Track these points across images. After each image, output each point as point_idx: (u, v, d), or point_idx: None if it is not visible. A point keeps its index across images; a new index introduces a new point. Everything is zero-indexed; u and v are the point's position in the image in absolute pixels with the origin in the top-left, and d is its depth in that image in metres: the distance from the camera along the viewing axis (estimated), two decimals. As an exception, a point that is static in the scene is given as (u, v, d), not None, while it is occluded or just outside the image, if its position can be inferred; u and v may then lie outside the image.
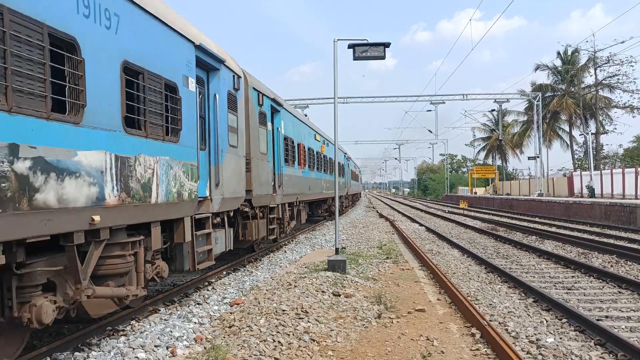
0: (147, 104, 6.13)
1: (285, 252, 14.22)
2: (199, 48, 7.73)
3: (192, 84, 7.49)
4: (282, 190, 13.76)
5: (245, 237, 10.91)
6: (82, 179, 4.95)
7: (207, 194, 8.11)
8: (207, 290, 8.99)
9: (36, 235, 4.40)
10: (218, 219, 8.88)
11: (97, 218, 5.12)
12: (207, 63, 8.28)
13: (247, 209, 10.69)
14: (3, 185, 4.00)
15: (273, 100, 12.83)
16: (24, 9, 4.24)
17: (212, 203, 8.28)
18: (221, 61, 8.73)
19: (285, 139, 14.54)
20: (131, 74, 5.88)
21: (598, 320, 6.71)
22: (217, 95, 8.52)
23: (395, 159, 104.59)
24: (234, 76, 9.49)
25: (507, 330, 6.51)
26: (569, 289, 9.12)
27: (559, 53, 52.44)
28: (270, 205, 12.58)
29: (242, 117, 10.04)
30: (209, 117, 8.38)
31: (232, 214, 9.83)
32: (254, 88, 11.17)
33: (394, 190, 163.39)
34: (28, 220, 4.25)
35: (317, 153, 20.24)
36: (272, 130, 12.89)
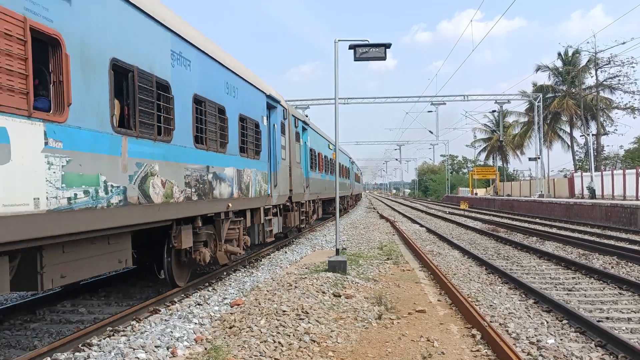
0: (248, 137, 10.48)
1: (286, 252, 14.22)
2: (269, 96, 12.19)
3: (265, 120, 11.90)
4: (309, 190, 17.78)
5: (286, 224, 14.87)
6: (226, 183, 9.15)
7: (270, 192, 12.19)
8: (208, 290, 9.00)
9: (210, 212, 8.61)
10: (275, 210, 13.00)
11: (230, 205, 9.26)
12: (271, 104, 12.51)
13: (288, 204, 14.57)
14: (205, 185, 8.20)
15: (303, 122, 17.21)
16: (215, 100, 8.78)
17: (272, 198, 12.39)
18: (278, 102, 13.05)
19: (311, 150, 18.64)
20: (242, 121, 10.17)
21: (599, 321, 6.70)
22: (275, 125, 12.89)
23: (396, 159, 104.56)
24: (283, 110, 13.73)
25: (507, 331, 6.50)
26: (569, 290, 9.11)
27: (559, 54, 52.49)
28: (301, 202, 16.57)
29: (287, 137, 14.23)
30: (270, 140, 12.48)
31: (280, 206, 13.80)
32: (292, 115, 15.36)
33: (394, 191, 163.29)
34: (209, 204, 8.44)
35: (330, 159, 24.05)
36: (302, 144, 16.91)
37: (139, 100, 6.22)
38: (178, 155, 7.32)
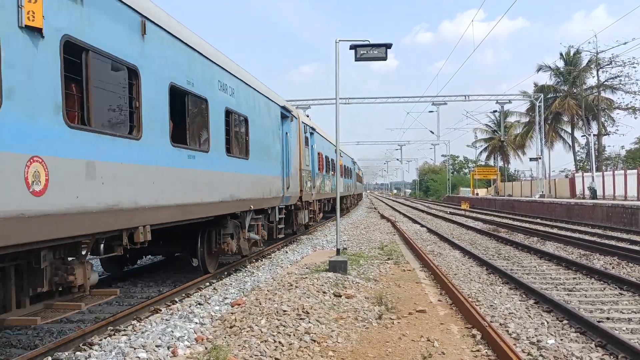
0: (357, 177, 46.35)
1: (287, 252, 14.23)
2: (352, 158, 41.05)
3: (355, 167, 43.04)
4: (356, 189, 45.40)
5: (357, 202, 47.35)
6: (348, 186, 33.69)
7: (355, 189, 41.78)
8: (208, 290, 9.01)
9: (347, 194, 35.21)
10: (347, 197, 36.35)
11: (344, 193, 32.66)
12: (352, 161, 40.14)
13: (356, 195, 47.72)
14: (349, 188, 35.66)
15: (354, 162, 40.04)
16: (350, 165, 37.30)
17: (352, 191, 39.56)
18: (353, 159, 41.01)
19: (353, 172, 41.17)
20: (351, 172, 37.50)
21: (599, 321, 6.70)
22: (354, 166, 41.98)
23: (397, 159, 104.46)
24: (353, 161, 40.70)
25: (508, 331, 6.51)
26: (570, 291, 9.11)
27: (561, 54, 52.46)
28: (355, 193, 43.03)
29: (353, 170, 41.21)
30: (353, 173, 40.24)
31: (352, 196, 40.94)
32: (354, 160, 42.23)
33: (395, 191, 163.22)
34: (349, 192, 36.10)
35: (357, 174, 45.67)
36: (354, 172, 39.57)
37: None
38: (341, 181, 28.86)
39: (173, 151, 7.29)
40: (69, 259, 5.56)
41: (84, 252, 5.69)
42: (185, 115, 7.84)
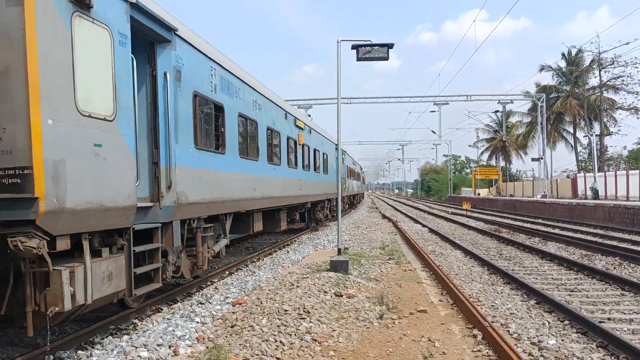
0: (360, 179, 51.70)
1: (288, 252, 14.25)
2: (360, 167, 57.27)
3: (361, 171, 60.28)
4: (361, 189, 56.76)
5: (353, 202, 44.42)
6: (354, 186, 42.59)
7: (359, 189, 50.72)
8: (210, 290, 9.03)
9: (352, 194, 43.21)
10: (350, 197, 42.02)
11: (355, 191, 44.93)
12: (360, 167, 54.43)
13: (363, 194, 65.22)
14: (354, 187, 44.34)
15: (362, 167, 56.42)
16: (356, 170, 47.68)
17: (360, 190, 53.48)
18: (360, 165, 56.43)
19: (360, 176, 53.49)
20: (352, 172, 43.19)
21: (600, 322, 6.70)
22: (361, 171, 57.80)
23: (399, 159, 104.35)
24: (361, 167, 57.00)
25: (509, 331, 6.51)
26: (571, 291, 9.10)
27: (563, 54, 52.36)
28: (353, 193, 43.47)
29: (361, 175, 55.47)
30: (360, 177, 51.48)
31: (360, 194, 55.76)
32: (360, 167, 53.82)
33: (397, 191, 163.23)
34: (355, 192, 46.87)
35: (359, 174, 49.47)
36: (361, 176, 51.75)
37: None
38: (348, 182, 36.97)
39: (315, 174, 19.06)
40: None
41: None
42: (314, 159, 19.29)
